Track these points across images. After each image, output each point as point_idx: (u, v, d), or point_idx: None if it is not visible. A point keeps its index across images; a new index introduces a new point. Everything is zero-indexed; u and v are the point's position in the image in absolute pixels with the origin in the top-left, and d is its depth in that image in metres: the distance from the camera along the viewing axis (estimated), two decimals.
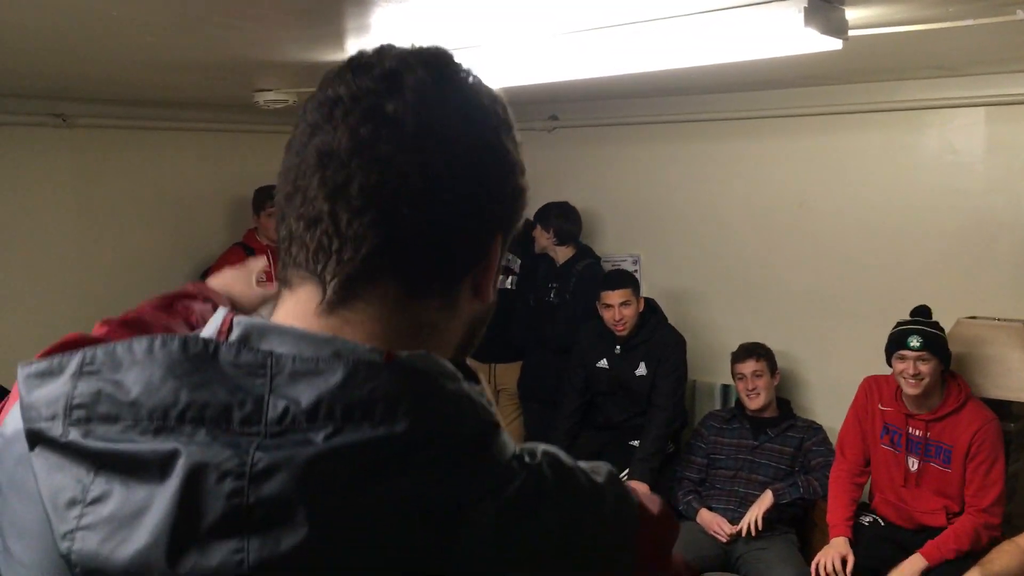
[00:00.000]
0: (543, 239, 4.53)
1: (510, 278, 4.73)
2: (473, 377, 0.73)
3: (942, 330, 3.28)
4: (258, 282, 1.40)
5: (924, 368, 3.19)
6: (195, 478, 0.60)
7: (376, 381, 0.63)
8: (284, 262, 0.73)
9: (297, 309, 0.71)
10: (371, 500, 0.60)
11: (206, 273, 4.65)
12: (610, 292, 4.03)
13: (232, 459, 0.60)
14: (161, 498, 0.60)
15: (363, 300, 0.70)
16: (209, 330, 0.70)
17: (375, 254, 0.69)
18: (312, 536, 0.58)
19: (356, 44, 2.68)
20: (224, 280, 1.42)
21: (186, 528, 0.59)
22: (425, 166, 0.68)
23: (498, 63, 2.69)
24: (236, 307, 1.44)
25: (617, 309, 4.01)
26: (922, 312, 3.33)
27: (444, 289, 0.73)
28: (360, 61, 0.72)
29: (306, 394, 0.62)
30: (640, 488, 3.49)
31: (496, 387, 4.78)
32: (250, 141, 4.96)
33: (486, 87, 0.75)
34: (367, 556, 0.59)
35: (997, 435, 3.20)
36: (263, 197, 4.53)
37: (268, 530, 0.59)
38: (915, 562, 3.15)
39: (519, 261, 4.71)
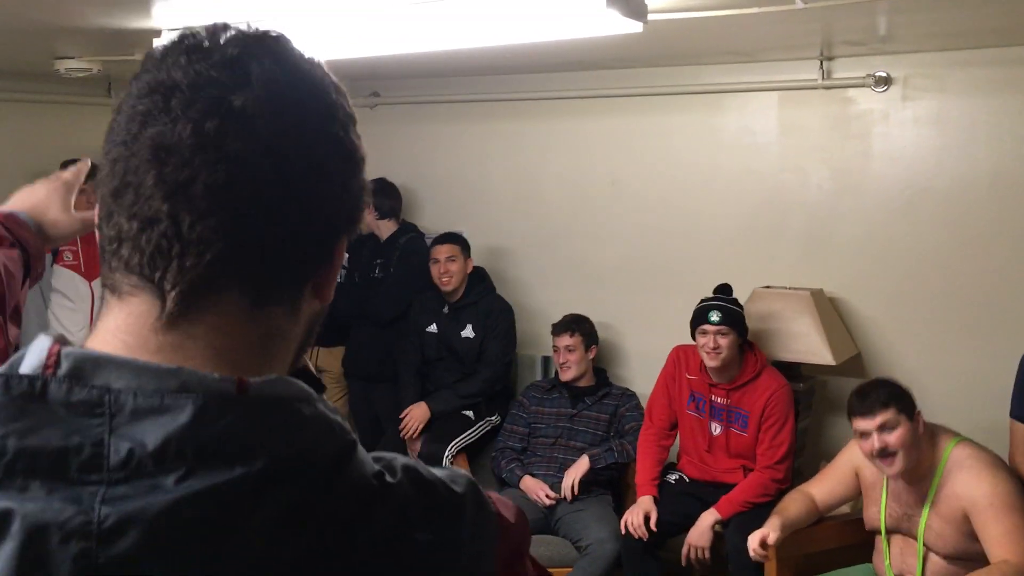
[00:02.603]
0: (366, 216, 4.50)
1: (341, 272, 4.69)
2: (318, 385, 0.70)
3: (740, 306, 3.52)
4: (77, 201, 1.15)
5: (723, 341, 3.41)
6: (35, 540, 0.54)
7: (230, 416, 0.58)
8: (112, 266, 0.65)
9: (131, 323, 0.64)
10: (228, 547, 0.56)
11: None
12: (438, 246, 4.20)
13: (76, 516, 0.55)
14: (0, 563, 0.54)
15: (207, 311, 0.64)
16: (31, 361, 0.60)
17: (221, 260, 0.63)
18: None
19: (163, 9, 2.59)
20: (33, 200, 1.19)
21: None
22: (278, 166, 0.63)
23: (317, 36, 2.68)
24: (48, 237, 1.22)
25: (443, 263, 4.16)
26: (723, 290, 3.56)
27: (290, 295, 0.68)
28: (193, 43, 0.65)
29: (152, 435, 0.56)
30: (419, 412, 3.52)
31: (318, 370, 4.76)
32: (52, 112, 4.69)
33: (330, 78, 0.71)
34: None
35: (788, 399, 3.46)
36: None
37: None
38: (709, 516, 3.38)
39: (346, 254, 4.68)
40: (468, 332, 4.20)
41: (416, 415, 4.07)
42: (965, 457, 2.74)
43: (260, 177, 0.63)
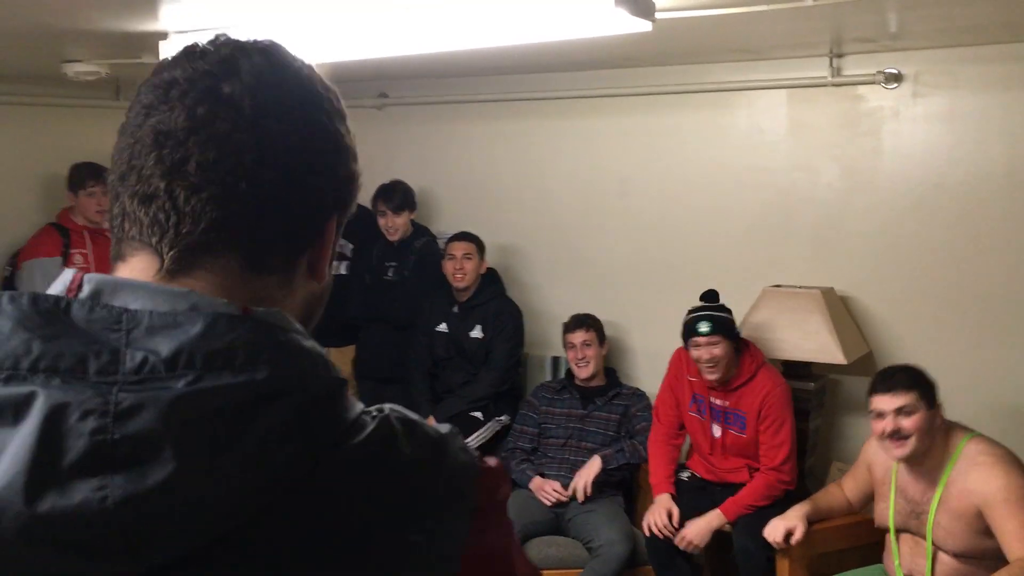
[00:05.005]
0: (387, 218, 4.43)
1: (343, 263, 4.70)
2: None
3: (729, 311, 3.48)
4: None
5: (717, 351, 3.38)
6: (55, 417, 0.59)
7: (236, 332, 0.64)
8: (118, 238, 0.73)
9: (135, 276, 0.71)
10: (235, 438, 0.61)
11: (16, 256, 4.38)
12: (455, 243, 4.25)
13: (95, 398, 0.60)
14: (17, 440, 0.59)
15: (204, 269, 0.71)
16: (57, 288, 0.68)
17: (214, 228, 0.70)
18: (178, 472, 0.59)
19: (171, 12, 2.59)
20: None
21: (45, 467, 0.58)
22: (261, 144, 0.71)
23: (323, 37, 2.67)
24: None
25: (459, 260, 4.20)
26: (709, 296, 3.52)
27: (282, 266, 0.75)
28: (195, 49, 0.74)
29: (165, 344, 0.62)
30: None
31: None
32: (60, 115, 4.70)
33: (319, 77, 0.78)
34: (231, 492, 0.61)
35: (785, 399, 3.42)
36: (82, 175, 4.29)
37: (133, 467, 0.59)
38: (713, 518, 3.36)
39: (351, 246, 4.68)
40: (477, 332, 4.21)
41: None
42: (978, 452, 2.72)
43: (247, 154, 0.70)
